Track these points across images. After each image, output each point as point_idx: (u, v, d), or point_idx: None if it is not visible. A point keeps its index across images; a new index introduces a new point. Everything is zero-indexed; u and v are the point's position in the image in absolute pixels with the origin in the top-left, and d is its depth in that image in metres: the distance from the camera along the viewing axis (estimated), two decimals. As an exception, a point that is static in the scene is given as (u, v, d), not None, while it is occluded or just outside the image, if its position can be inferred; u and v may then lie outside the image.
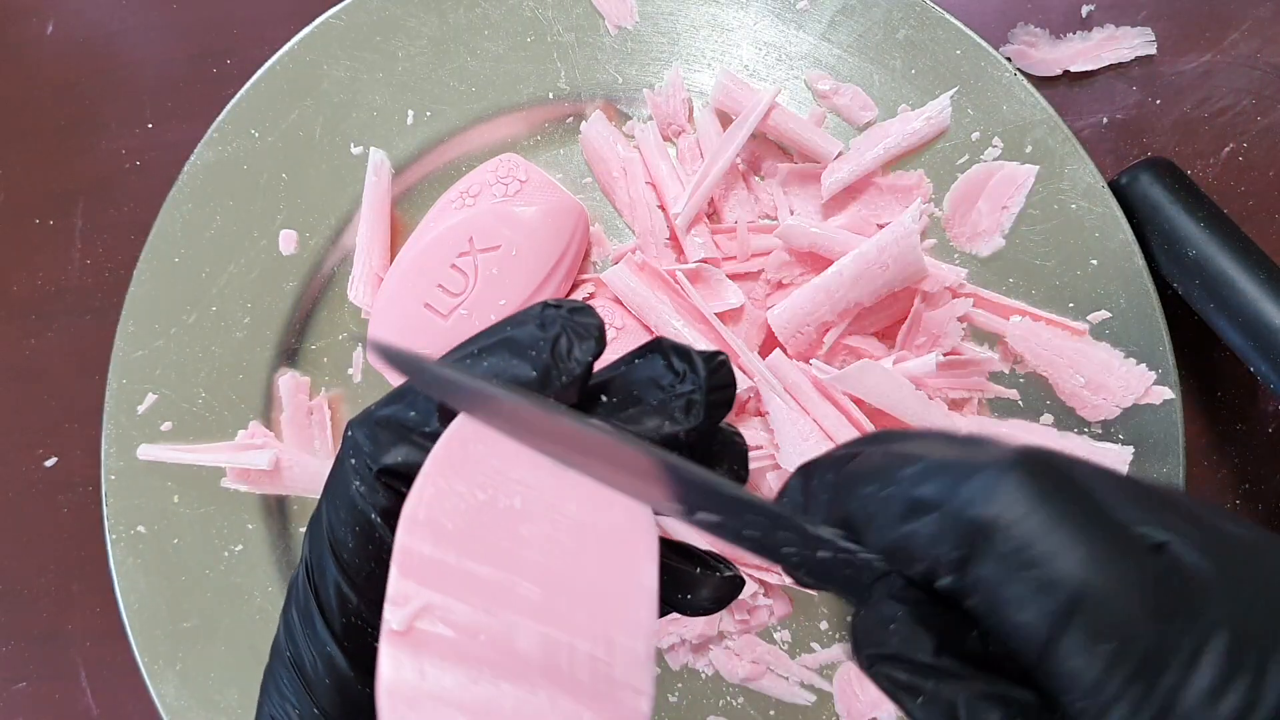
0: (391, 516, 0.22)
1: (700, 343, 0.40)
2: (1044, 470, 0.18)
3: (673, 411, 0.23)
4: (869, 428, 0.39)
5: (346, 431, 0.24)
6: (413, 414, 0.23)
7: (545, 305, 0.23)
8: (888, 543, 0.19)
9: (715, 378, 0.23)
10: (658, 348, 0.24)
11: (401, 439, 0.23)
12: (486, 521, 0.21)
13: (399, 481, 0.23)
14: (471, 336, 0.24)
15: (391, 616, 0.20)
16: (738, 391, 0.39)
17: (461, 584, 0.20)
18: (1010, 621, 0.17)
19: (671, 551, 0.25)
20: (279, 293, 0.44)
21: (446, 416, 0.22)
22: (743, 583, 0.26)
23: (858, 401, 0.39)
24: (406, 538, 0.21)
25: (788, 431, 0.39)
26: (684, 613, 0.25)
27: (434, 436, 0.22)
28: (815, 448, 0.38)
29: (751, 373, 0.40)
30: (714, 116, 0.42)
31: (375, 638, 0.20)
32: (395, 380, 0.40)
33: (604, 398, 0.23)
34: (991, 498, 0.18)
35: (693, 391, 0.23)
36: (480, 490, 0.21)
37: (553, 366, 0.22)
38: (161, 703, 0.43)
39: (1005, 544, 0.17)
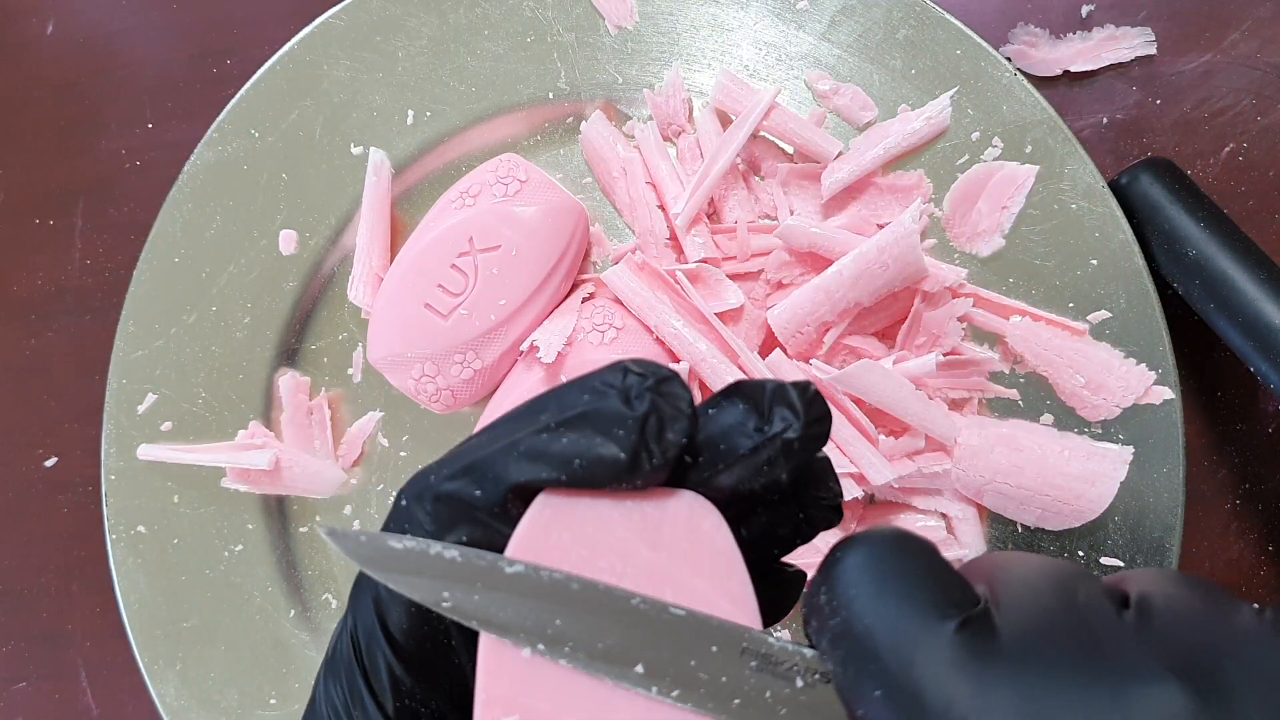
0: None
1: (701, 342, 0.40)
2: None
3: (770, 457, 0.21)
4: (869, 428, 0.39)
5: (400, 501, 0.22)
6: (478, 493, 0.21)
7: (627, 371, 0.21)
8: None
9: (812, 411, 0.22)
10: (738, 392, 0.22)
11: (466, 518, 0.21)
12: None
13: None
14: (538, 398, 0.21)
15: None
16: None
17: (561, 688, 0.19)
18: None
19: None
20: (279, 293, 0.44)
21: (520, 495, 0.21)
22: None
23: (858, 401, 0.39)
24: (491, 654, 0.19)
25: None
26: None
27: (502, 517, 0.20)
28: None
29: (751, 373, 0.40)
30: (714, 116, 0.42)
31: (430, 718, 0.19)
32: (396, 381, 0.40)
33: (688, 458, 0.21)
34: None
35: (787, 429, 0.21)
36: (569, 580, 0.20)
37: (642, 449, 0.20)
38: (162, 703, 0.43)
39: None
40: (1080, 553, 0.39)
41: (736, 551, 0.21)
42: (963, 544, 0.40)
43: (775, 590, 0.25)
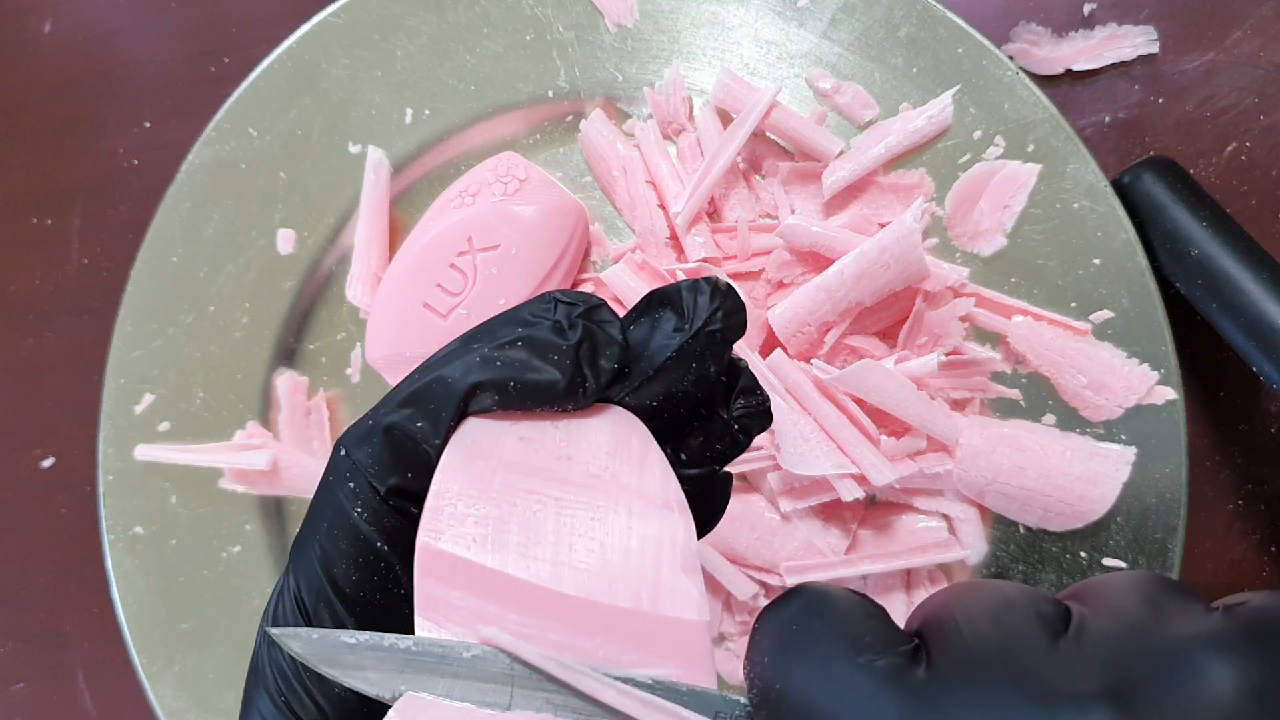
0: (399, 542, 0.20)
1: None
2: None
3: (697, 352, 0.22)
4: (870, 428, 0.38)
5: (338, 450, 0.21)
6: (420, 424, 0.21)
7: (557, 302, 0.21)
8: None
9: (728, 301, 0.22)
10: (654, 299, 0.22)
11: (409, 456, 0.21)
12: (509, 537, 0.20)
13: (409, 502, 0.21)
14: (475, 329, 0.22)
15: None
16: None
17: (493, 603, 0.19)
18: None
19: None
20: (277, 292, 0.44)
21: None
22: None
23: (859, 402, 0.39)
24: (426, 573, 0.19)
25: (789, 432, 0.38)
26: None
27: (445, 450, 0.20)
28: (817, 448, 0.38)
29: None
30: (714, 115, 0.42)
31: None
32: (394, 381, 0.40)
33: (625, 373, 0.22)
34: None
35: (709, 322, 0.21)
36: (496, 505, 0.20)
37: (578, 374, 0.21)
38: (159, 704, 0.43)
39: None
40: (1082, 553, 0.39)
41: (663, 459, 0.22)
42: (965, 545, 0.40)
43: (709, 500, 0.25)
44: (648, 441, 0.22)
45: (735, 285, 0.39)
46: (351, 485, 0.21)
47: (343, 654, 0.19)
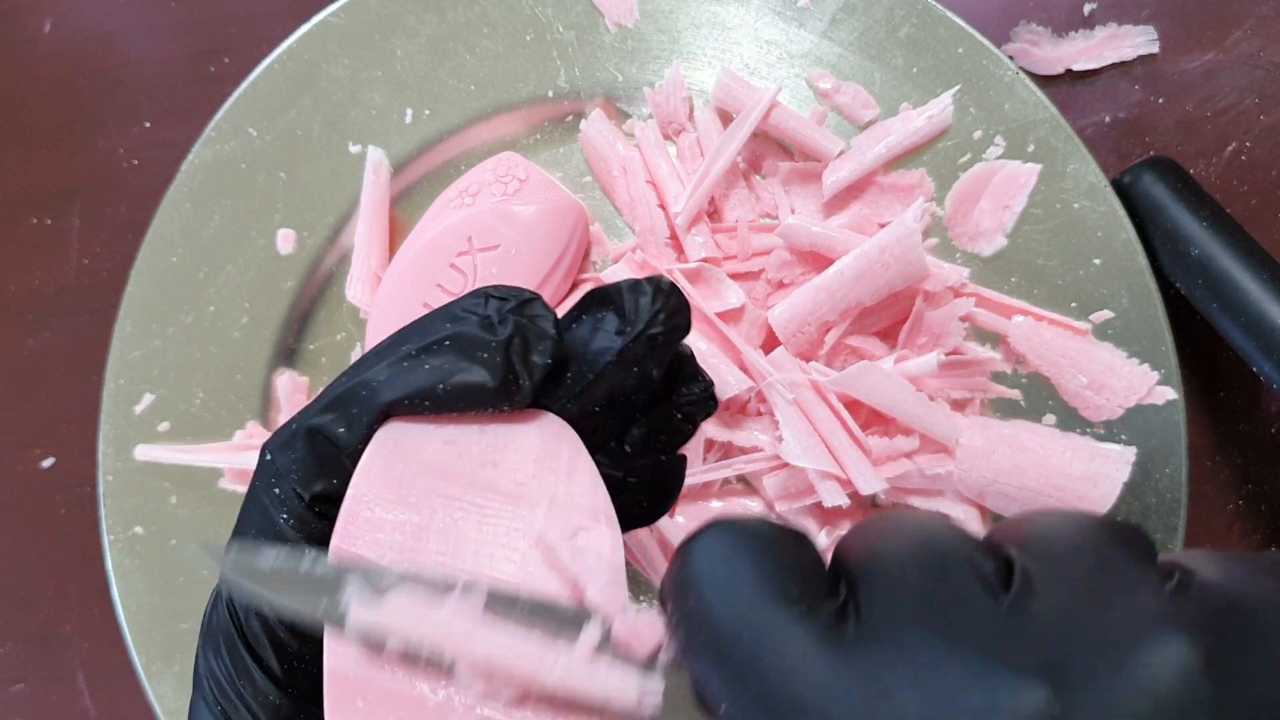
0: (327, 548, 0.20)
1: (700, 342, 0.39)
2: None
3: (639, 355, 0.21)
4: (859, 435, 0.38)
5: (264, 454, 0.21)
6: (342, 430, 0.20)
7: (489, 297, 0.21)
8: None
9: (671, 301, 0.21)
10: (594, 300, 0.22)
11: (331, 463, 0.20)
12: (427, 545, 0.19)
13: (335, 508, 0.20)
14: (406, 327, 0.21)
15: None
16: (739, 392, 0.39)
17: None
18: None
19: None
20: (277, 292, 0.44)
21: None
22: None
23: (850, 406, 0.39)
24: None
25: (797, 425, 0.38)
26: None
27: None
28: (818, 446, 0.38)
29: (754, 372, 0.39)
30: (715, 115, 0.42)
31: (320, 676, 0.19)
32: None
33: (566, 377, 0.21)
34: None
35: (650, 324, 0.21)
36: (415, 512, 0.19)
37: (509, 372, 0.20)
38: (159, 704, 0.43)
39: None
40: (1083, 554, 0.39)
41: (592, 468, 0.21)
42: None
43: (661, 486, 0.25)
44: (577, 449, 0.21)
45: (732, 286, 0.40)
46: (277, 491, 0.20)
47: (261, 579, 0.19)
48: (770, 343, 0.41)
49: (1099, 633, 0.15)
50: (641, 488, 0.24)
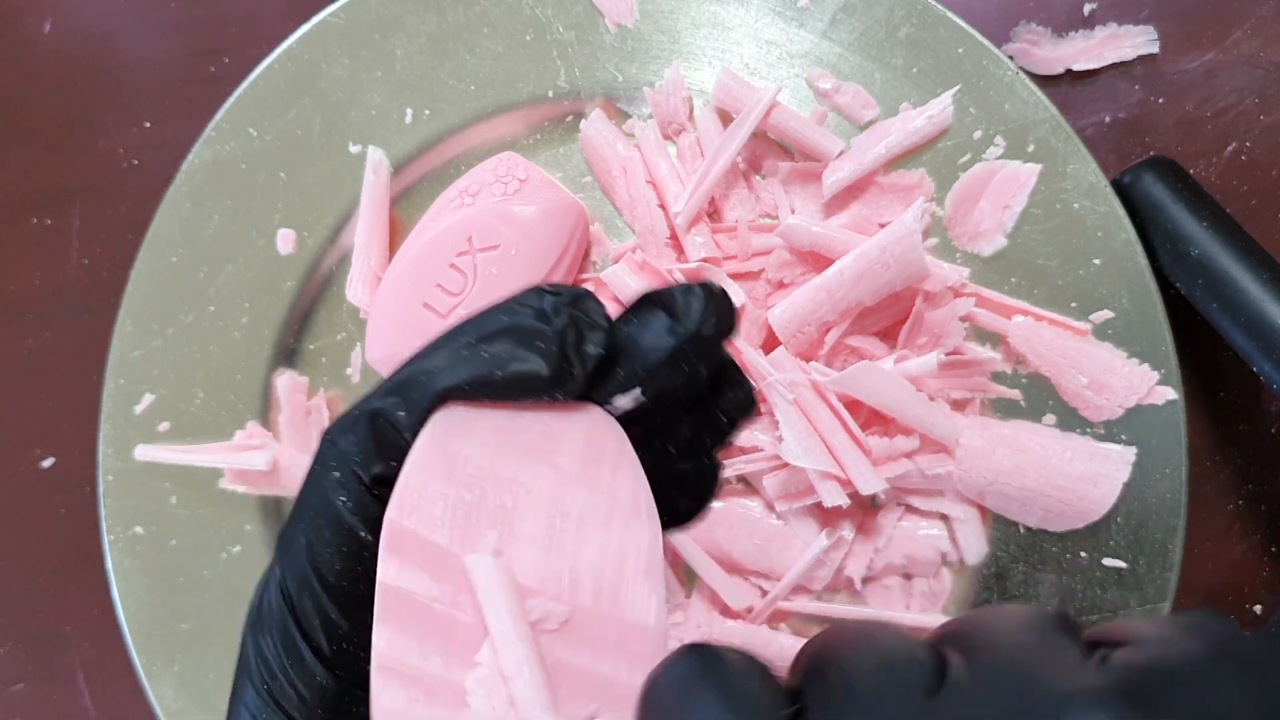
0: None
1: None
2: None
3: (690, 354, 0.22)
4: (860, 436, 0.38)
5: (325, 438, 0.21)
6: (403, 414, 0.21)
7: (543, 292, 0.22)
8: None
9: (722, 304, 0.22)
10: (649, 301, 0.23)
11: (392, 445, 0.21)
12: (478, 524, 0.20)
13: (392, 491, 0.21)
14: (463, 321, 0.22)
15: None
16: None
17: (451, 587, 0.20)
18: None
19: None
20: (277, 292, 0.44)
21: None
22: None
23: (855, 405, 0.39)
24: (390, 552, 0.20)
25: (797, 425, 0.38)
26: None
27: None
28: (818, 446, 0.38)
29: (755, 372, 0.39)
30: (715, 115, 0.42)
31: (369, 660, 0.19)
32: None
33: (617, 372, 0.22)
34: None
35: (702, 325, 0.22)
36: (467, 490, 0.20)
37: (563, 361, 0.21)
38: (159, 704, 0.43)
39: None
40: (1083, 554, 0.39)
41: (637, 465, 0.22)
42: (964, 546, 0.40)
43: (701, 488, 0.26)
44: (623, 444, 0.22)
45: (732, 286, 0.40)
46: (337, 474, 0.21)
47: None
48: (770, 343, 0.41)
49: (1025, 715, 0.16)
50: (682, 488, 0.24)
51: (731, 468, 0.40)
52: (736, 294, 0.40)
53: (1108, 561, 0.38)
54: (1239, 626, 0.17)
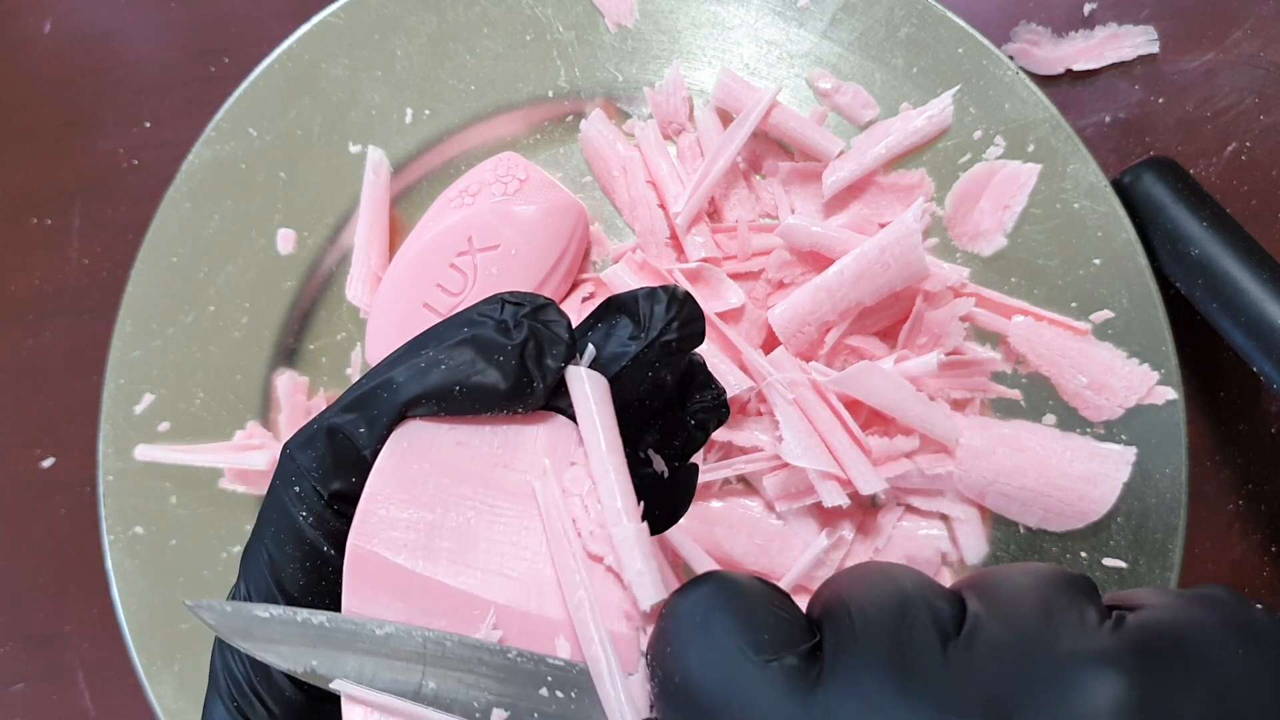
0: (345, 546, 0.20)
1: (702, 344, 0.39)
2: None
3: (652, 361, 0.22)
4: (860, 435, 0.38)
5: (285, 453, 0.21)
6: (362, 430, 0.21)
7: (504, 302, 0.21)
8: None
9: (685, 310, 0.22)
10: (611, 307, 0.22)
11: (350, 461, 0.21)
12: (440, 543, 0.20)
13: (353, 506, 0.21)
14: (424, 332, 0.22)
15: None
16: (740, 392, 0.39)
17: (420, 609, 0.19)
18: None
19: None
20: (277, 292, 0.44)
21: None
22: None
23: (851, 406, 0.39)
24: (354, 576, 0.19)
25: (797, 425, 0.38)
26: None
27: None
28: (818, 446, 0.38)
29: (755, 372, 0.39)
30: (715, 115, 0.42)
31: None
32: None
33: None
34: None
35: (664, 332, 0.21)
36: (428, 510, 0.20)
37: (523, 375, 0.20)
38: (159, 704, 0.43)
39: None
40: (1083, 554, 0.39)
41: None
42: (964, 546, 0.40)
43: (674, 493, 0.25)
44: (581, 450, 0.22)
45: (732, 286, 0.40)
46: (297, 489, 0.21)
47: (255, 627, 0.19)
48: (770, 343, 0.41)
49: (1040, 670, 0.16)
50: (654, 495, 0.24)
51: (731, 468, 0.40)
52: (735, 294, 0.40)
53: (1108, 561, 0.38)
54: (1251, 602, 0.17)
